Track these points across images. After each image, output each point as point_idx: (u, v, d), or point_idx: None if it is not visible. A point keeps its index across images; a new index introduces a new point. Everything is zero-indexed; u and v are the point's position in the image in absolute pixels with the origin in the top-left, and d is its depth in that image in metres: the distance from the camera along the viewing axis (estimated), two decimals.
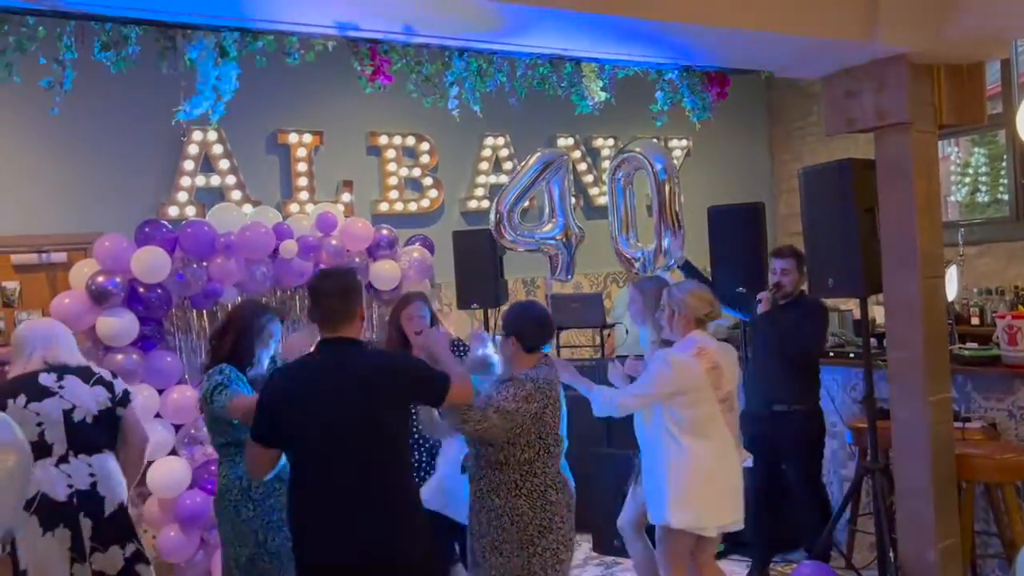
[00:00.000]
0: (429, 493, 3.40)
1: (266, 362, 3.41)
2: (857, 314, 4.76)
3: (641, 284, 4.08)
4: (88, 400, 3.21)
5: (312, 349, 2.84)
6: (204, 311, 5.34)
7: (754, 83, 7.78)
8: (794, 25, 3.41)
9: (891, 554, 3.85)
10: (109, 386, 3.32)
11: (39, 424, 3.06)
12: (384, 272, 5.56)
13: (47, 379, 3.15)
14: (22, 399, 3.04)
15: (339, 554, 2.59)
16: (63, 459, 3.12)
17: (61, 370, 3.20)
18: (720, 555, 4.94)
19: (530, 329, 3.21)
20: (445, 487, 3.52)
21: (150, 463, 4.90)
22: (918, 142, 3.74)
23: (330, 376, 2.66)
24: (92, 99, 5.00)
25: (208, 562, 4.94)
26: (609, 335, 6.07)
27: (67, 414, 3.13)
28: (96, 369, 3.38)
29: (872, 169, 3.87)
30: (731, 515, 3.52)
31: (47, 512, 3.03)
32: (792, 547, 4.78)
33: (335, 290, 2.74)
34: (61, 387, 3.16)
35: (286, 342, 3.58)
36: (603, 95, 4.22)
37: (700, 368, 3.41)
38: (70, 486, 3.09)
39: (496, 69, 3.67)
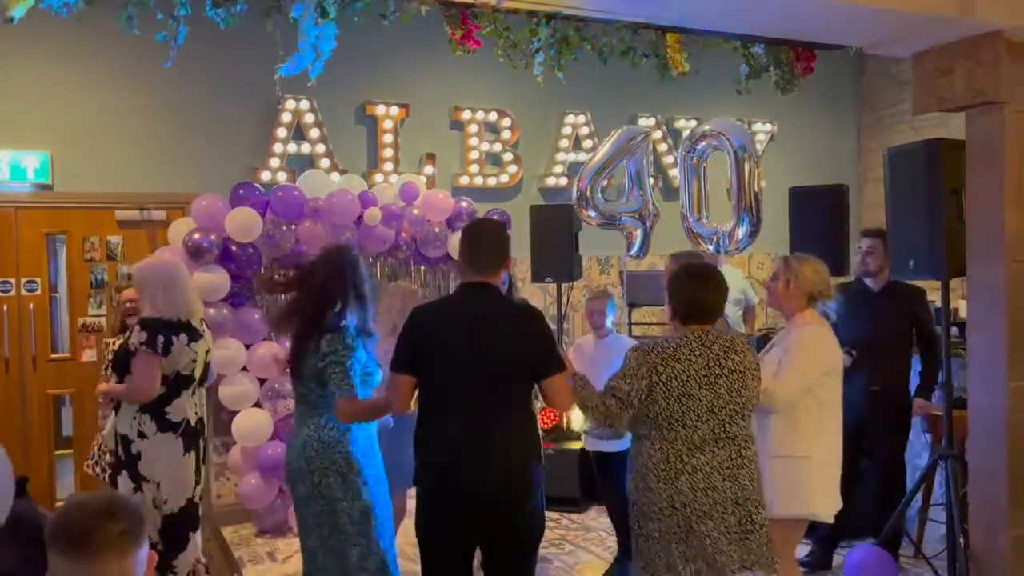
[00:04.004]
0: None
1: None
2: (940, 303, 4.66)
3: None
4: (208, 343, 3.83)
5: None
6: (291, 272, 5.57)
7: (845, 68, 7.63)
8: None
9: (961, 542, 3.78)
10: None
11: (193, 361, 3.65)
12: None
13: (196, 322, 3.73)
14: (184, 338, 3.61)
15: (449, 481, 2.73)
16: (195, 391, 3.73)
17: (200, 318, 3.82)
18: None
19: (676, 292, 2.90)
20: None
21: (235, 413, 5.18)
22: (1012, 122, 3.64)
23: (467, 316, 2.79)
24: (194, 68, 5.28)
25: (286, 510, 5.19)
26: None
27: (206, 354, 3.76)
28: None
29: (961, 149, 3.78)
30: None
31: (189, 434, 3.65)
32: (860, 534, 4.71)
33: (486, 239, 2.87)
34: (203, 332, 3.77)
35: None
36: (687, 66, 4.22)
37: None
38: (197, 413, 3.73)
39: (582, 37, 3.71)
